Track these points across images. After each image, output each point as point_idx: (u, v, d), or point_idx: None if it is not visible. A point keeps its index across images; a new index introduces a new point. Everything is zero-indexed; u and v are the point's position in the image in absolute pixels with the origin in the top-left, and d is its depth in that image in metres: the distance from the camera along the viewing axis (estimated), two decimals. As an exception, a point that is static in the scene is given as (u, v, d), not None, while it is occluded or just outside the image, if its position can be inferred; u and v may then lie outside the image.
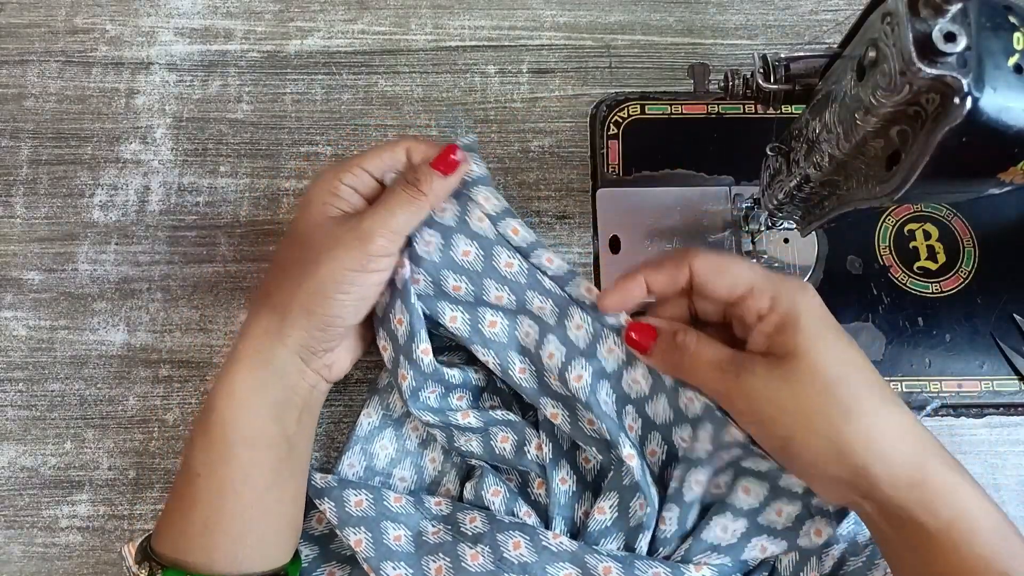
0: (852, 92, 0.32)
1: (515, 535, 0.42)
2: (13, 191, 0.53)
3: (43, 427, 0.49)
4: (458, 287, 0.45)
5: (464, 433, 0.45)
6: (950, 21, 0.27)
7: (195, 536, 0.39)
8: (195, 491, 0.39)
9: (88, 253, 0.52)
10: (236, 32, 0.56)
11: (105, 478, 0.48)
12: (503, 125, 0.54)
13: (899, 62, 0.28)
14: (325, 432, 0.49)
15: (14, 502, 0.48)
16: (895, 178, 0.31)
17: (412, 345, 0.43)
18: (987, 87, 0.28)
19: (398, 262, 0.44)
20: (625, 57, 0.55)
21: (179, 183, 0.53)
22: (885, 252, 0.51)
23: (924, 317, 0.49)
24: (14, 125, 0.54)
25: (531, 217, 0.52)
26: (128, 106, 0.55)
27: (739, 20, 0.56)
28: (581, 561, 0.41)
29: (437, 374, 0.44)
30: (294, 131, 0.54)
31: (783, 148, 0.40)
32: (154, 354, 0.50)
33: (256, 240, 0.52)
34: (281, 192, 0.53)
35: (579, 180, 0.53)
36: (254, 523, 0.40)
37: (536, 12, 0.56)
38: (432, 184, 0.42)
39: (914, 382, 0.49)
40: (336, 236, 0.41)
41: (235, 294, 0.51)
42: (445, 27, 0.56)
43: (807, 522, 0.42)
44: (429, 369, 0.44)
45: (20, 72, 0.55)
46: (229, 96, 0.55)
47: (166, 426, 0.49)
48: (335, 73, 0.55)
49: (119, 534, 0.47)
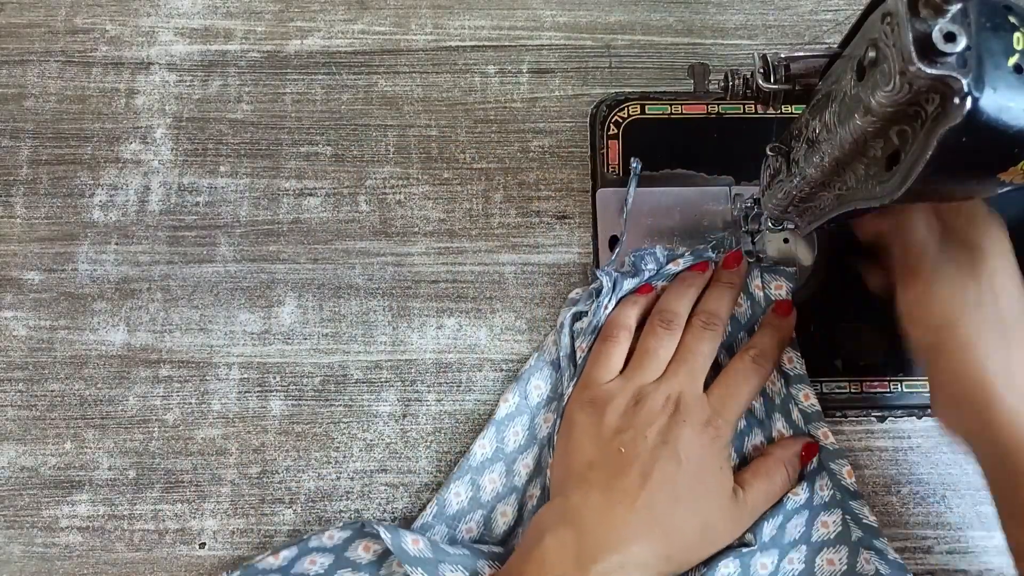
0: (852, 92, 0.32)
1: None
2: (13, 191, 0.53)
3: (43, 427, 0.49)
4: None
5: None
6: (950, 21, 0.27)
7: None
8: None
9: (88, 253, 0.52)
10: (236, 32, 0.56)
11: (105, 478, 0.48)
12: (503, 125, 0.54)
13: (899, 62, 0.28)
14: (324, 432, 0.49)
15: (14, 502, 0.48)
16: (895, 178, 0.31)
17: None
18: (987, 87, 0.28)
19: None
20: (625, 57, 0.55)
21: (179, 183, 0.53)
22: (885, 252, 0.51)
23: (924, 317, 0.49)
24: (14, 125, 0.54)
25: (531, 217, 0.52)
26: (128, 106, 0.55)
27: (739, 20, 0.56)
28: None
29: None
30: (294, 131, 0.54)
31: (783, 148, 0.40)
32: (154, 354, 0.50)
33: (256, 240, 0.52)
34: (281, 192, 0.53)
35: (579, 180, 0.53)
36: None
37: (536, 12, 0.56)
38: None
39: (914, 382, 0.49)
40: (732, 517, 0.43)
41: (235, 294, 0.51)
42: (445, 27, 0.56)
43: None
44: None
45: (20, 72, 0.55)
46: (229, 96, 0.55)
47: (166, 426, 0.49)
48: (335, 73, 0.55)
49: (119, 534, 0.47)
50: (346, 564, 0.44)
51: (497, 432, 0.47)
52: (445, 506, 0.46)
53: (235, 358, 0.50)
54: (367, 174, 0.53)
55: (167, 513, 0.48)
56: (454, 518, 0.46)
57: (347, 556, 0.45)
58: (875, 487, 0.48)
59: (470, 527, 0.46)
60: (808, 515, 0.45)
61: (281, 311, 0.51)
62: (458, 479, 0.47)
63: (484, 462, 0.47)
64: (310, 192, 0.53)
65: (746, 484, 0.43)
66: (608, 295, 0.48)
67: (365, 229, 0.52)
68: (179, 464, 0.49)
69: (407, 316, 0.51)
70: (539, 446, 0.47)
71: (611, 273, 0.48)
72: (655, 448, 0.42)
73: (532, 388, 0.48)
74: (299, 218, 0.52)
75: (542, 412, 0.48)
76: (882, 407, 0.49)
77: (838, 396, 0.48)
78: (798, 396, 0.46)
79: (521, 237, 0.52)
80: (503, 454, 0.47)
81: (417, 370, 0.50)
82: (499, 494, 0.47)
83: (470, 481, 0.47)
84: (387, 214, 0.52)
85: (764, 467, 0.44)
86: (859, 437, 0.48)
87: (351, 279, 0.51)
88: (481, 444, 0.47)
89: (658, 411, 0.43)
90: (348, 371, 0.50)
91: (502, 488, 0.47)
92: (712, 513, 0.42)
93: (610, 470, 0.42)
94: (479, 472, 0.47)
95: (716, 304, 0.47)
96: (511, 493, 0.47)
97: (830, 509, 0.45)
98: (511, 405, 0.48)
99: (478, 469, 0.47)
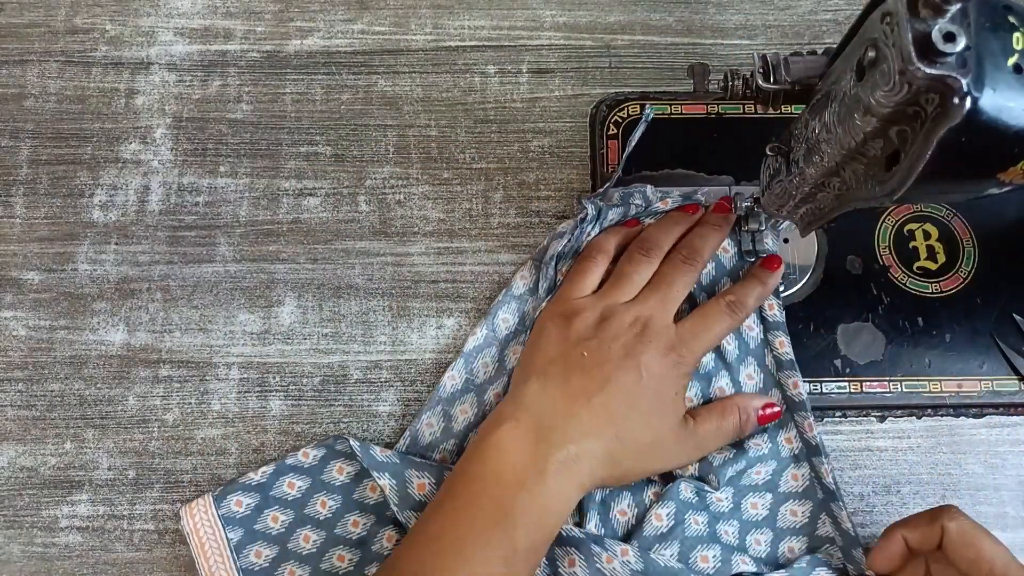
0: (852, 92, 0.32)
1: (571, 552, 0.43)
2: (13, 191, 0.53)
3: (43, 427, 0.49)
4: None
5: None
6: (949, 21, 0.27)
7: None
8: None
9: (88, 253, 0.52)
10: (236, 32, 0.56)
11: (105, 478, 0.48)
12: (503, 125, 0.54)
13: (899, 62, 0.28)
14: (324, 432, 0.49)
15: (14, 502, 0.48)
16: (895, 178, 0.31)
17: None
18: (987, 87, 0.28)
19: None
20: (625, 57, 0.55)
21: (179, 183, 0.53)
22: (885, 252, 0.51)
23: (924, 317, 0.49)
24: (14, 125, 0.54)
25: (531, 217, 0.52)
26: (128, 106, 0.55)
27: (739, 20, 0.56)
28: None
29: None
30: (294, 131, 0.54)
31: (783, 148, 0.40)
32: (154, 354, 0.50)
33: (256, 240, 0.52)
34: (281, 192, 0.53)
35: (579, 180, 0.53)
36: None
37: (536, 12, 0.56)
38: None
39: (914, 382, 0.49)
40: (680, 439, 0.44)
41: (235, 294, 0.51)
42: (445, 27, 0.56)
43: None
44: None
45: (20, 72, 0.55)
46: (229, 96, 0.55)
47: (166, 426, 0.49)
48: (335, 73, 0.55)
49: (119, 534, 0.47)
50: (321, 487, 0.46)
51: (466, 364, 0.48)
52: (418, 436, 0.47)
53: (235, 358, 0.50)
54: (367, 174, 0.53)
55: (167, 513, 0.48)
56: (427, 448, 0.47)
57: (322, 479, 0.46)
58: (875, 487, 0.48)
59: (443, 456, 0.47)
60: (776, 465, 0.46)
61: (281, 311, 0.51)
62: (429, 410, 0.48)
63: (455, 392, 0.48)
64: (310, 192, 0.53)
65: (698, 416, 0.45)
66: (592, 222, 0.49)
67: (365, 229, 0.52)
68: (179, 464, 0.49)
69: (407, 316, 0.51)
70: (508, 376, 0.48)
71: (596, 202, 0.49)
72: (618, 359, 0.43)
73: (500, 321, 0.49)
74: (299, 218, 0.52)
75: (511, 344, 0.49)
76: (882, 407, 0.49)
77: (838, 396, 0.48)
78: (774, 342, 0.48)
79: (521, 237, 0.52)
80: (473, 385, 0.48)
81: (417, 370, 0.50)
82: (471, 423, 0.47)
83: (442, 412, 0.48)
84: (387, 214, 0.52)
85: (720, 406, 0.46)
86: (859, 437, 0.48)
87: (351, 279, 0.51)
88: (451, 375, 0.48)
89: (625, 328, 0.44)
90: (348, 371, 0.50)
91: (474, 418, 0.47)
92: (663, 431, 0.43)
93: (569, 367, 0.43)
94: (450, 403, 0.48)
95: (700, 242, 0.47)
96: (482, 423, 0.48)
97: (800, 463, 0.46)
98: (479, 338, 0.49)
99: (449, 400, 0.48)
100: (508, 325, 0.49)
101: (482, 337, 0.49)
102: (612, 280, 0.47)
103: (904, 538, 0.41)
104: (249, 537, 0.45)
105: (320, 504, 0.46)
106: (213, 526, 0.45)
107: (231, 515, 0.45)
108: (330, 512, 0.46)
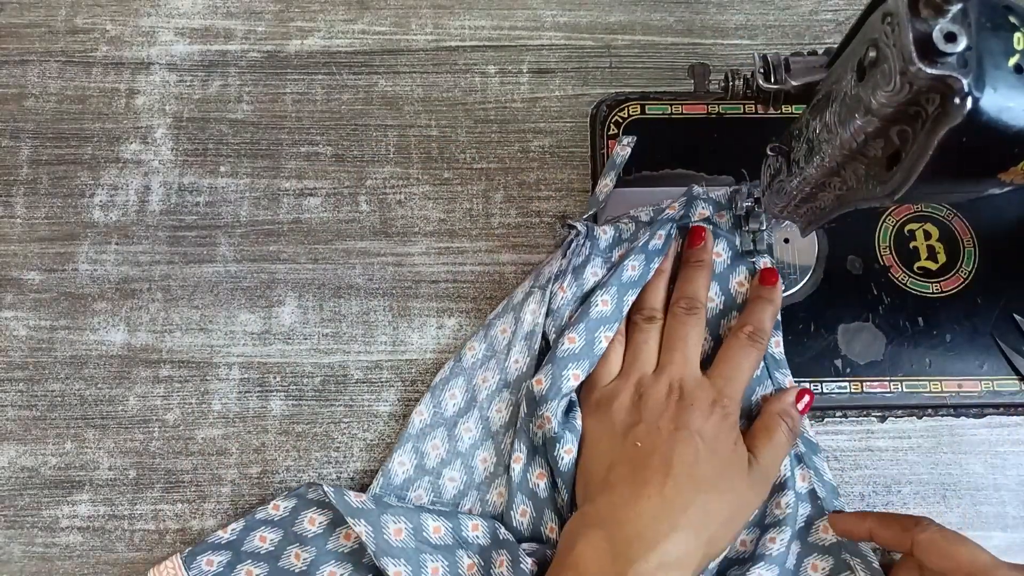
0: (852, 92, 0.32)
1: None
2: (13, 191, 0.53)
3: (43, 427, 0.49)
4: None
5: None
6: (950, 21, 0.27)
7: None
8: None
9: (88, 253, 0.52)
10: (236, 32, 0.56)
11: (105, 478, 0.48)
12: (503, 125, 0.54)
13: (899, 62, 0.28)
14: (324, 432, 0.49)
15: (14, 502, 0.48)
16: (895, 178, 0.31)
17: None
18: (987, 87, 0.28)
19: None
20: (625, 57, 0.55)
21: (179, 183, 0.53)
22: (885, 252, 0.51)
23: (924, 317, 0.49)
24: (14, 125, 0.54)
25: (531, 217, 0.52)
26: (128, 106, 0.55)
27: (739, 20, 0.56)
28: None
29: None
30: (294, 131, 0.54)
31: (783, 148, 0.40)
32: (154, 354, 0.50)
33: (256, 240, 0.52)
34: (281, 192, 0.53)
35: (579, 180, 0.53)
36: None
37: (536, 12, 0.56)
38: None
39: (914, 382, 0.49)
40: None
41: (235, 294, 0.51)
42: (445, 27, 0.56)
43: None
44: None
45: (20, 72, 0.55)
46: (229, 96, 0.55)
47: (166, 426, 0.49)
48: (335, 73, 0.55)
49: (119, 534, 0.47)
50: (295, 539, 0.45)
51: (432, 398, 0.48)
52: (391, 476, 0.47)
53: (235, 358, 0.50)
54: (367, 174, 0.53)
55: (167, 513, 0.48)
56: (402, 487, 0.47)
57: (295, 530, 0.45)
58: (875, 487, 0.48)
59: (419, 494, 0.47)
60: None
61: (281, 311, 0.51)
62: (400, 448, 0.47)
63: (424, 429, 0.48)
64: (310, 192, 0.53)
65: (754, 449, 0.44)
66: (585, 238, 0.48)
67: (365, 229, 0.52)
68: (179, 464, 0.49)
69: (407, 316, 0.51)
70: (479, 408, 0.48)
71: (585, 223, 0.48)
72: (671, 435, 0.42)
73: (466, 350, 0.49)
74: (299, 218, 0.52)
75: (479, 372, 0.48)
76: (882, 407, 0.49)
77: (838, 396, 0.48)
78: (769, 342, 0.47)
79: (521, 237, 0.52)
80: (443, 419, 0.48)
81: (417, 370, 0.50)
82: (444, 459, 0.47)
83: (412, 449, 0.47)
84: (387, 214, 0.52)
85: (762, 426, 0.45)
86: (859, 437, 0.48)
87: (351, 279, 0.51)
88: (419, 411, 0.48)
89: (663, 400, 0.44)
90: (348, 371, 0.50)
91: (446, 454, 0.47)
92: (739, 487, 0.42)
93: (631, 465, 0.42)
94: (420, 439, 0.47)
95: (692, 287, 0.47)
96: (456, 459, 0.47)
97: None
98: (445, 370, 0.49)
99: (419, 436, 0.47)
100: (474, 354, 0.49)
101: (448, 369, 0.49)
102: (629, 356, 0.46)
103: (872, 533, 0.42)
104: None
105: (294, 556, 0.45)
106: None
107: (202, 575, 0.45)
108: (305, 564, 0.44)
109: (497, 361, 0.48)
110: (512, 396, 0.47)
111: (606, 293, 0.47)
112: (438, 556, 0.43)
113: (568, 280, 0.48)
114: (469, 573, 0.43)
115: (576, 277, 0.48)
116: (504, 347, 0.48)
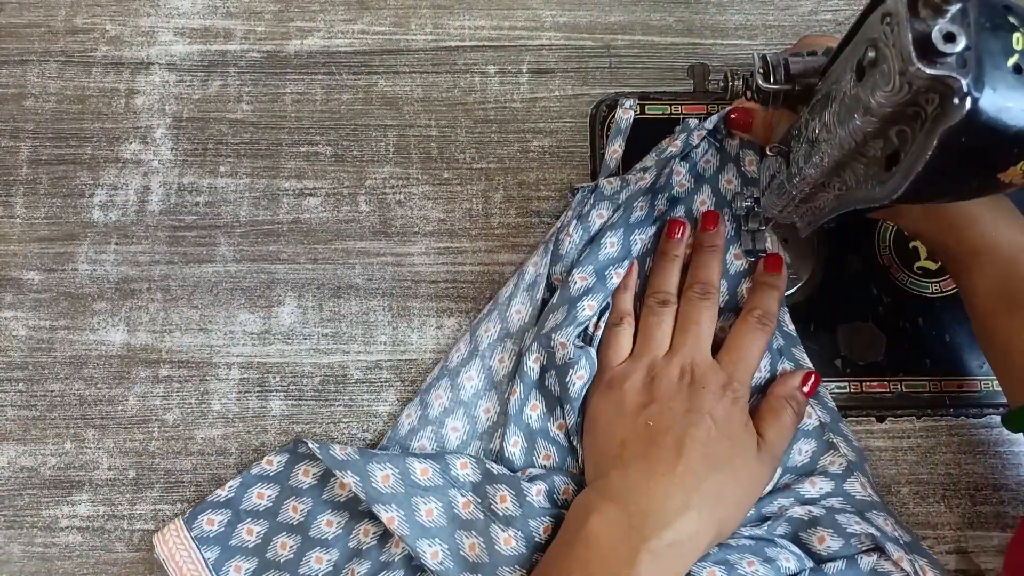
0: (852, 92, 0.32)
1: (546, 520, 0.43)
2: (13, 191, 0.53)
3: (43, 427, 0.49)
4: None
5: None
6: (950, 21, 0.27)
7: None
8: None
9: (88, 253, 0.52)
10: (236, 32, 0.56)
11: (105, 478, 0.48)
12: (503, 125, 0.54)
13: (899, 62, 0.28)
14: (324, 432, 0.49)
15: (14, 502, 0.48)
16: (895, 178, 0.31)
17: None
18: (987, 87, 0.28)
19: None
20: (625, 57, 0.55)
21: (179, 183, 0.53)
22: (885, 252, 0.51)
23: (924, 317, 0.49)
24: (14, 125, 0.54)
25: (531, 217, 0.52)
26: (128, 106, 0.55)
27: (739, 20, 0.56)
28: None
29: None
30: (294, 131, 0.54)
31: (783, 148, 0.40)
32: (154, 354, 0.50)
33: (256, 240, 0.52)
34: (281, 192, 0.53)
35: (579, 180, 0.53)
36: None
37: (536, 12, 0.56)
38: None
39: (914, 382, 0.49)
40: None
41: (235, 294, 0.51)
42: (445, 27, 0.56)
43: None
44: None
45: (20, 72, 0.55)
46: (229, 96, 0.55)
47: (166, 426, 0.49)
48: (335, 73, 0.55)
49: (119, 534, 0.47)
50: (291, 493, 0.46)
51: (451, 379, 0.48)
52: (398, 428, 0.48)
53: (235, 358, 0.50)
54: (367, 174, 0.53)
55: (167, 513, 0.48)
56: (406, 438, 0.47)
57: (290, 484, 0.46)
58: (875, 487, 0.48)
59: (422, 444, 0.47)
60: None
61: (281, 311, 0.51)
62: (411, 403, 0.48)
63: (431, 382, 0.48)
64: (310, 192, 0.53)
65: (762, 431, 0.44)
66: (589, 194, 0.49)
67: (365, 229, 0.52)
68: (179, 464, 0.49)
69: (407, 316, 0.51)
70: (480, 357, 0.48)
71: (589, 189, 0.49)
72: (683, 416, 0.43)
73: (482, 332, 0.49)
74: (299, 218, 0.52)
75: (481, 324, 0.49)
76: (882, 407, 0.49)
77: (838, 396, 0.48)
78: (784, 319, 0.48)
79: (521, 237, 0.52)
80: (447, 370, 0.48)
81: (417, 370, 0.50)
82: (447, 408, 0.47)
83: (419, 401, 0.48)
84: (387, 214, 0.52)
85: (768, 408, 0.45)
86: (859, 437, 0.48)
87: (351, 279, 0.51)
88: (437, 394, 0.48)
89: (675, 382, 0.44)
90: (348, 371, 0.50)
91: (449, 403, 0.48)
92: (748, 468, 0.43)
93: (643, 443, 0.42)
94: (427, 392, 0.48)
95: (706, 272, 0.48)
96: (458, 407, 0.48)
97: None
98: (462, 353, 0.49)
99: (426, 390, 0.48)
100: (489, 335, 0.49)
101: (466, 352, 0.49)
102: (641, 338, 0.47)
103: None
104: (226, 554, 0.45)
105: (292, 509, 0.46)
106: (188, 549, 0.45)
107: (204, 535, 0.45)
108: (303, 515, 0.46)
109: (499, 311, 0.49)
110: (514, 346, 0.48)
111: (614, 235, 0.48)
112: (430, 498, 0.44)
113: (574, 225, 0.49)
114: (466, 511, 0.44)
115: (582, 221, 0.49)
116: (505, 299, 0.49)
